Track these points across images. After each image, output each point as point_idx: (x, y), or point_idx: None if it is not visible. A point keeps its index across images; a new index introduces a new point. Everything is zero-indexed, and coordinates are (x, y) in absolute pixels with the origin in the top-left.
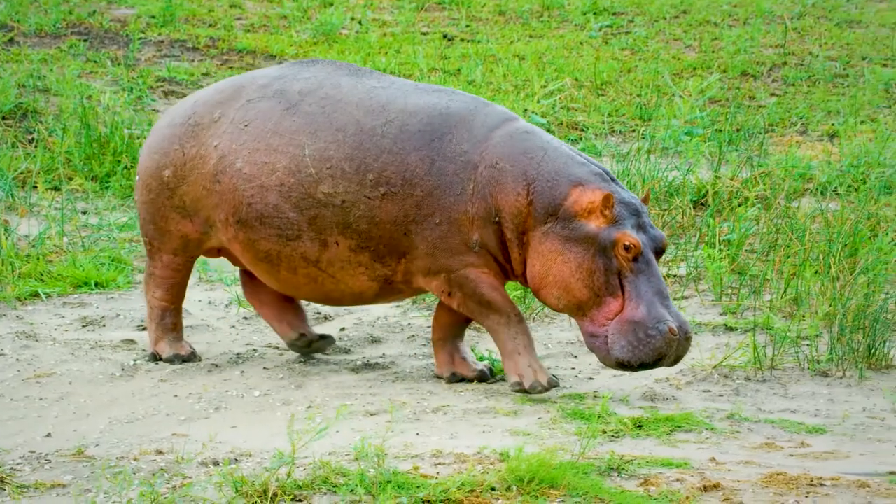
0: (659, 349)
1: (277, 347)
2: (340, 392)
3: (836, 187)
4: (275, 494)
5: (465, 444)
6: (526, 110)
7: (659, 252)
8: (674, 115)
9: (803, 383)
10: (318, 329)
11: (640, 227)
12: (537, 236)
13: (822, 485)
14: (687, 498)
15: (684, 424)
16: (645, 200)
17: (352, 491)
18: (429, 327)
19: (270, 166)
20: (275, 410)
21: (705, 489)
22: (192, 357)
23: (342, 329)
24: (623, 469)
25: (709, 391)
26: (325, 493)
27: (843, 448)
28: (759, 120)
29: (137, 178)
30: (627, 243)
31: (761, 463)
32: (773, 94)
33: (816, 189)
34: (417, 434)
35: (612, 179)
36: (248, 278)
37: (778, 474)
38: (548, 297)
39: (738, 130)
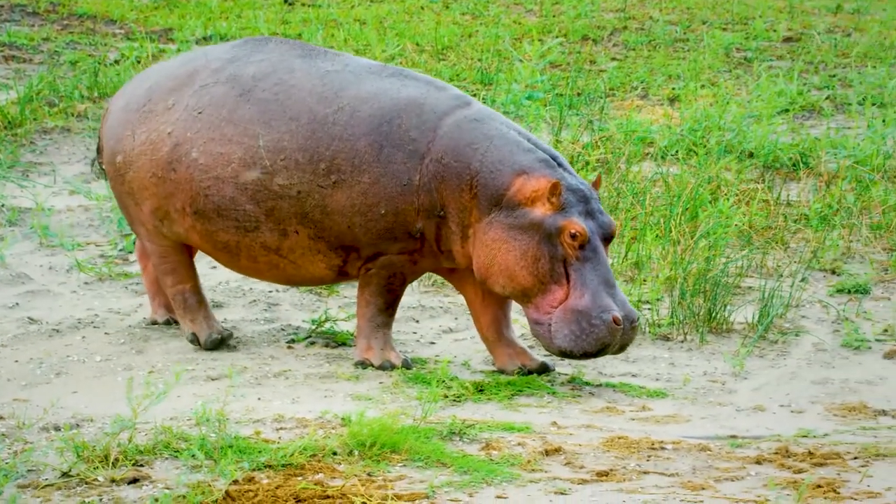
0: (602, 339)
1: (119, 312)
2: (182, 357)
3: (676, 151)
4: (116, 459)
5: (307, 408)
6: None
7: (607, 239)
8: (514, 79)
9: (644, 347)
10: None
11: (589, 214)
12: (482, 227)
13: (663, 448)
14: (529, 462)
15: (525, 388)
16: (596, 185)
17: (193, 456)
18: (270, 292)
19: (226, 157)
20: (116, 375)
21: (547, 453)
22: (230, 336)
23: None
24: (465, 433)
25: (550, 355)
26: (167, 458)
27: (683, 412)
28: (599, 84)
29: (104, 163)
30: (574, 231)
31: (603, 427)
32: (613, 59)
33: (657, 153)
34: (259, 399)
35: (560, 165)
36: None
37: (619, 438)
38: (494, 286)
39: (578, 94)
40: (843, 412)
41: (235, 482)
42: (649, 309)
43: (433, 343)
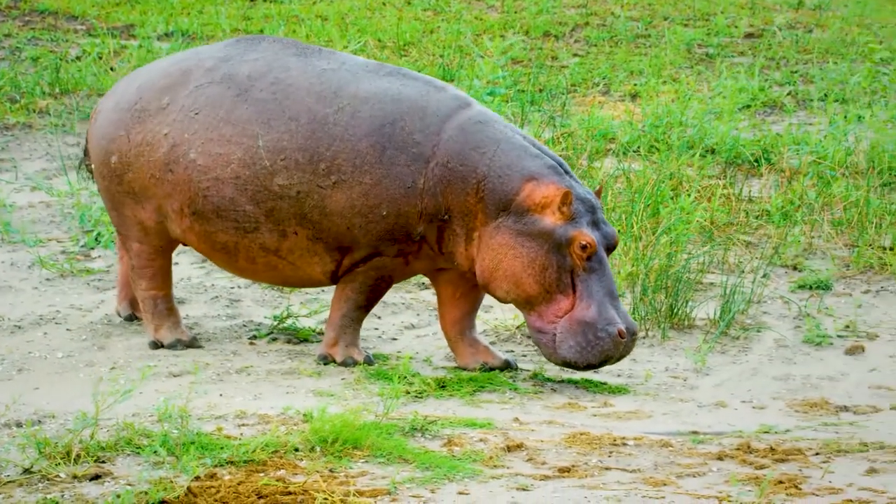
0: (606, 351)
1: (80, 309)
2: (143, 353)
3: (638, 147)
4: (78, 456)
5: (269, 404)
6: None
7: (610, 249)
8: (476, 75)
9: None
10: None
11: (595, 224)
12: (489, 231)
13: (625, 444)
14: (491, 458)
15: (487, 385)
16: (598, 194)
17: (155, 452)
18: (233, 288)
19: (225, 158)
20: (78, 372)
21: (509, 449)
22: (193, 342)
23: None
24: (427, 429)
25: (512, 351)
26: (129, 455)
27: (645, 408)
28: (561, 80)
29: (93, 164)
30: (584, 242)
31: (564, 423)
32: (575, 55)
33: (618, 149)
34: (221, 395)
35: (567, 172)
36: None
37: (581, 434)
38: (497, 291)
39: (540, 91)
40: (804, 408)
41: (197, 478)
42: None
43: (395, 339)
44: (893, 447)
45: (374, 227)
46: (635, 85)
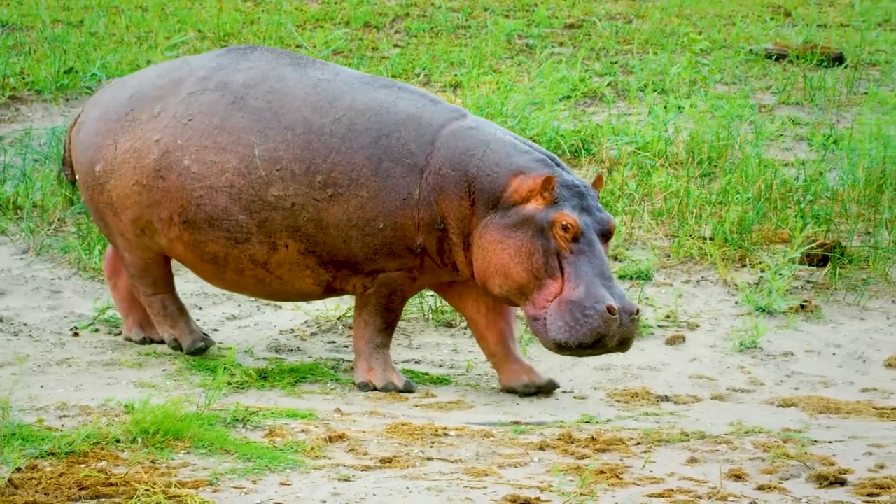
0: (597, 329)
1: None
2: None
3: None
4: None
5: (90, 396)
6: (149, 62)
7: (605, 234)
8: None
9: (427, 334)
10: None
11: (584, 209)
12: (478, 232)
13: (446, 434)
14: (312, 448)
15: (309, 375)
16: (597, 184)
17: None
18: (54, 279)
19: (220, 166)
20: None
21: (331, 440)
22: (212, 344)
23: None
24: (248, 420)
25: (334, 342)
26: None
27: (467, 398)
28: (382, 71)
29: (78, 174)
30: (565, 223)
31: (386, 413)
32: (396, 46)
33: None
34: (42, 387)
35: (558, 164)
36: (114, 254)
37: (403, 424)
38: (493, 288)
39: None
40: (625, 398)
41: (19, 470)
42: (432, 296)
43: (217, 330)
44: (714, 437)
45: (371, 241)
46: (456, 76)
